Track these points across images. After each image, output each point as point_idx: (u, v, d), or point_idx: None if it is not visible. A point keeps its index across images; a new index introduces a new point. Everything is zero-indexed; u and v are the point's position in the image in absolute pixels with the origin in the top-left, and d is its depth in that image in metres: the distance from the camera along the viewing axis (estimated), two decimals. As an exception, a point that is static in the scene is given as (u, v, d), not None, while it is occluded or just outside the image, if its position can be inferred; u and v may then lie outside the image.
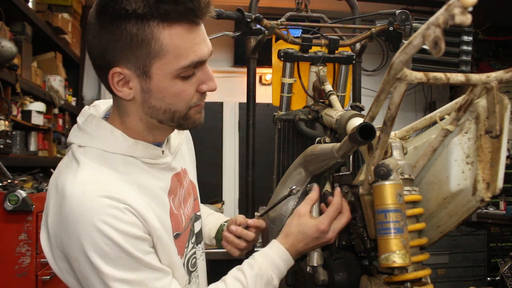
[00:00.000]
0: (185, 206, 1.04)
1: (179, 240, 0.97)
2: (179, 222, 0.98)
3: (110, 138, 0.90)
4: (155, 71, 0.84)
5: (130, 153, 0.90)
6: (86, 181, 0.84)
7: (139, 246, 0.84)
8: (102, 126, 0.91)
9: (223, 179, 4.44)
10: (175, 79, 0.85)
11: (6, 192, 1.88)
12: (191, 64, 0.85)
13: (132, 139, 0.91)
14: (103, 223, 0.80)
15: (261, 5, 1.87)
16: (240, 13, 1.54)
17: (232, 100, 4.52)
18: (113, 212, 0.82)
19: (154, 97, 0.87)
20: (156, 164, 0.95)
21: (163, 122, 0.92)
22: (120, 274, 0.82)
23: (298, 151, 1.56)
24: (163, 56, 0.82)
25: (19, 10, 2.72)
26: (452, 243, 3.66)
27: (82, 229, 0.80)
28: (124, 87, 0.87)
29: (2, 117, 2.42)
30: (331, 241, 1.05)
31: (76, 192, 0.82)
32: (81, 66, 4.24)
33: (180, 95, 0.88)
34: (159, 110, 0.89)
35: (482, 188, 0.90)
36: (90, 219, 0.80)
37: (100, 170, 0.86)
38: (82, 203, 0.81)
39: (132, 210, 0.84)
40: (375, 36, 1.70)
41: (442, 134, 0.96)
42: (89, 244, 0.81)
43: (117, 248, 0.81)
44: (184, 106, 0.90)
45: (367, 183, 0.95)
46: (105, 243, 0.81)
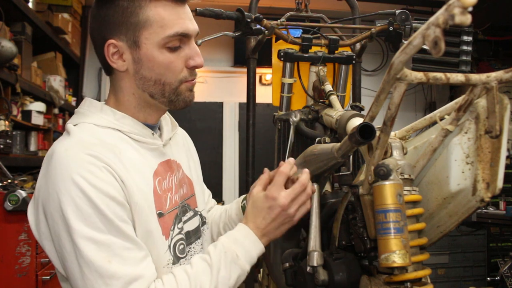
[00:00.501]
0: (175, 193, 1.03)
1: (163, 220, 0.96)
2: (163, 203, 0.97)
3: (100, 114, 0.96)
4: (143, 41, 0.92)
5: (118, 126, 0.95)
6: (72, 142, 0.89)
7: (113, 207, 0.85)
8: (93, 105, 0.98)
9: (223, 179, 4.44)
10: (162, 49, 0.93)
11: (6, 192, 1.88)
12: (176, 34, 0.92)
13: (120, 112, 0.97)
14: (80, 177, 0.83)
15: (261, 5, 1.87)
16: (240, 13, 1.54)
17: (232, 100, 4.53)
18: (91, 168, 0.84)
19: (144, 67, 0.94)
20: (145, 143, 0.98)
21: (155, 96, 0.97)
22: (88, 232, 0.82)
23: (298, 151, 1.56)
24: (149, 26, 0.92)
25: (19, 10, 2.72)
26: (452, 243, 3.66)
27: (61, 182, 0.84)
28: (119, 59, 0.95)
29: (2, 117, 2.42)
30: (295, 218, 1.01)
31: (60, 151, 0.87)
32: (81, 66, 4.25)
33: (169, 66, 0.94)
34: (149, 81, 0.95)
35: (482, 188, 0.90)
36: (68, 173, 0.83)
37: (88, 138, 0.91)
38: (64, 159, 0.85)
39: (112, 171, 0.86)
40: (375, 36, 1.70)
41: (442, 134, 0.96)
42: (64, 198, 0.83)
43: (90, 204, 0.82)
44: (173, 79, 0.96)
45: (367, 183, 0.95)
46: (79, 197, 0.82)
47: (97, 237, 0.83)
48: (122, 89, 0.98)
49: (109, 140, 0.92)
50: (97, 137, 0.92)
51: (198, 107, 4.48)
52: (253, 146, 1.88)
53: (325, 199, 1.26)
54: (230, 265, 0.93)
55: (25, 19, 2.88)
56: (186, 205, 1.08)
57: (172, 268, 0.96)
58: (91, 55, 4.37)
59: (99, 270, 0.82)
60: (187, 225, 1.06)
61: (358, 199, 1.02)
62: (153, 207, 0.94)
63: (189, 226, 1.07)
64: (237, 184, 4.46)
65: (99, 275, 0.82)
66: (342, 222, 1.14)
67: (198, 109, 4.48)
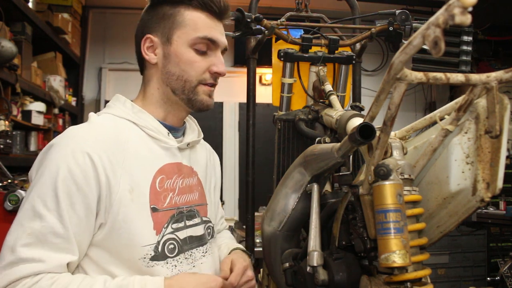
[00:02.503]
0: (179, 195, 1.05)
1: (156, 215, 0.99)
2: (160, 199, 1.01)
3: (121, 107, 1.06)
4: (175, 38, 1.03)
5: (134, 119, 1.03)
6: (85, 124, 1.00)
7: (70, 192, 0.90)
8: (118, 99, 1.08)
9: (223, 179, 4.43)
10: (189, 48, 1.04)
11: (6, 192, 1.88)
12: (205, 37, 1.03)
13: (139, 107, 1.05)
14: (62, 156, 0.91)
15: (261, 5, 1.86)
16: (240, 13, 1.54)
17: (232, 100, 4.53)
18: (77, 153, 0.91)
19: (171, 62, 1.04)
20: (158, 140, 1.04)
21: (176, 91, 1.05)
22: (35, 200, 0.89)
23: (298, 151, 1.56)
24: (183, 27, 1.03)
25: (19, 10, 2.72)
26: (452, 243, 3.66)
27: (54, 152, 0.93)
28: (151, 53, 1.06)
29: (2, 117, 2.42)
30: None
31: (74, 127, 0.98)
32: (81, 66, 4.25)
33: (192, 64, 1.04)
34: (173, 75, 1.04)
35: (482, 188, 0.90)
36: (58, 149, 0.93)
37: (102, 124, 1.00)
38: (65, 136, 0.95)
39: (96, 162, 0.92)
40: (375, 36, 1.70)
41: (442, 134, 0.96)
42: (42, 169, 0.92)
43: (52, 180, 0.90)
44: (194, 77, 1.04)
45: (367, 183, 0.95)
46: (49, 171, 0.90)
47: (39, 208, 0.89)
48: (150, 83, 1.08)
49: (123, 129, 1.00)
50: (111, 124, 1.00)
51: (198, 107, 4.47)
52: (253, 146, 1.87)
53: (325, 199, 1.26)
54: None
55: (25, 19, 2.88)
56: (194, 211, 1.09)
57: (150, 263, 0.96)
58: (91, 55, 4.38)
59: (17, 235, 0.88)
60: (190, 230, 1.06)
61: (358, 199, 1.02)
62: (147, 200, 0.98)
63: (193, 231, 1.07)
64: (237, 184, 4.45)
65: (14, 239, 0.88)
66: (342, 222, 1.14)
67: (198, 109, 4.47)
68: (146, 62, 1.07)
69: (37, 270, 0.88)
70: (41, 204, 0.89)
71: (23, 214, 0.90)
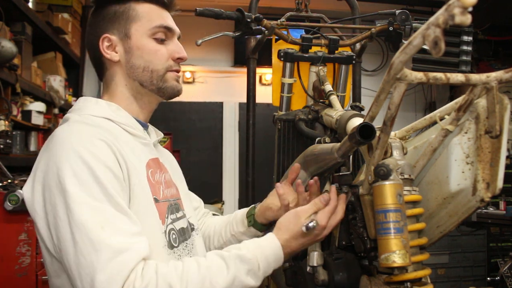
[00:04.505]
0: (166, 188, 1.05)
1: (159, 205, 0.98)
2: (157, 191, 1.00)
3: (95, 106, 1.02)
4: (133, 32, 1.04)
5: (113, 117, 1.01)
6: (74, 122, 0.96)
7: (110, 178, 0.86)
8: (88, 100, 1.05)
9: (223, 179, 4.44)
10: (149, 38, 1.05)
11: (6, 192, 1.88)
12: (161, 26, 1.05)
13: (115, 104, 1.04)
14: (81, 146, 0.87)
15: (261, 5, 1.87)
16: (240, 13, 1.54)
17: (232, 100, 4.53)
18: (93, 139, 0.89)
19: (134, 56, 1.04)
20: (138, 136, 1.03)
21: (144, 83, 1.05)
22: (84, 197, 0.82)
23: (298, 151, 1.56)
24: (138, 20, 1.05)
25: (19, 10, 2.72)
26: (452, 243, 3.66)
27: (60, 151, 0.87)
28: (112, 51, 1.05)
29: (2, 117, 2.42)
30: (324, 237, 1.01)
31: (63, 128, 0.94)
32: (81, 66, 4.24)
33: (156, 53, 1.05)
34: (139, 68, 1.05)
35: (482, 188, 0.90)
36: (69, 144, 0.87)
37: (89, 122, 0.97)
38: (66, 132, 0.91)
39: (112, 147, 0.91)
40: (375, 36, 1.70)
41: (442, 134, 0.96)
42: (63, 165, 0.85)
43: (88, 171, 0.84)
44: (160, 65, 1.05)
45: (367, 183, 0.95)
46: (77, 164, 0.84)
47: (93, 203, 0.82)
48: (115, 81, 1.07)
49: (106, 127, 0.97)
50: (94, 125, 0.96)
51: (198, 107, 4.48)
52: (253, 146, 1.87)
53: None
54: (247, 274, 0.89)
55: (25, 19, 2.88)
56: (178, 204, 1.09)
57: (168, 250, 0.95)
58: (91, 55, 4.38)
59: (90, 234, 0.80)
60: (181, 222, 1.07)
61: (358, 199, 1.02)
62: (149, 191, 0.97)
63: (181, 224, 1.08)
64: (237, 184, 4.45)
65: (89, 240, 0.80)
66: (342, 222, 1.14)
67: (198, 109, 4.48)
68: (107, 62, 1.06)
69: (139, 258, 0.82)
70: (91, 199, 0.82)
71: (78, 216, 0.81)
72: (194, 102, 4.46)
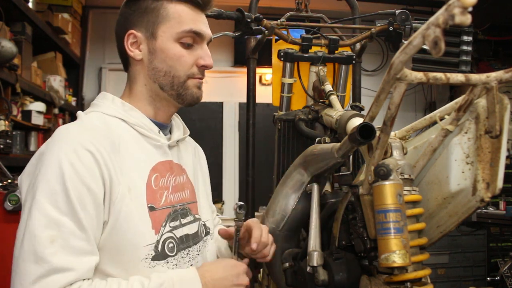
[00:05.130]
0: (172, 193, 1.03)
1: (154, 214, 0.97)
2: (157, 198, 0.99)
3: (110, 104, 1.02)
4: (160, 33, 1.01)
5: (125, 117, 1.00)
6: (75, 124, 0.96)
7: (82, 195, 0.86)
8: (106, 97, 1.04)
9: (223, 179, 4.44)
10: (176, 43, 1.01)
11: (6, 192, 1.88)
12: (190, 30, 1.01)
13: (129, 104, 1.02)
14: (65, 155, 0.87)
15: (261, 5, 1.86)
16: (240, 13, 1.54)
17: (232, 100, 4.53)
18: (78, 149, 0.88)
19: (157, 58, 1.01)
20: (149, 138, 1.02)
21: (164, 87, 1.03)
22: (46, 206, 0.84)
23: (298, 151, 1.56)
24: (167, 21, 1.00)
25: (19, 10, 2.72)
26: (452, 243, 3.65)
27: (47, 155, 0.88)
28: (136, 49, 1.02)
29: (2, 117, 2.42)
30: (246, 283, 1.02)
31: (62, 128, 0.94)
32: (81, 66, 4.24)
33: (179, 59, 1.02)
34: (160, 71, 1.02)
35: (482, 188, 0.90)
36: (58, 149, 0.88)
37: (93, 122, 0.97)
38: (61, 135, 0.91)
39: (99, 159, 0.89)
40: (375, 36, 1.70)
41: (442, 134, 0.96)
42: (44, 169, 0.87)
43: (60, 182, 0.85)
44: (182, 72, 1.02)
45: (367, 183, 0.95)
46: (54, 174, 0.86)
47: (52, 214, 0.84)
48: (136, 80, 1.05)
49: (114, 128, 0.97)
50: (103, 123, 0.97)
51: (198, 107, 4.45)
52: (253, 146, 1.87)
53: (325, 199, 1.26)
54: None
55: (25, 19, 2.88)
56: (187, 209, 1.07)
57: (151, 263, 0.95)
58: (91, 55, 4.37)
59: (37, 245, 0.83)
60: (186, 228, 1.05)
61: (358, 199, 1.02)
62: (144, 200, 0.96)
63: (188, 229, 1.06)
64: (237, 184, 4.45)
65: (34, 251, 0.83)
66: (342, 222, 1.14)
67: (198, 109, 4.47)
68: (131, 59, 1.04)
69: (72, 279, 0.84)
70: (53, 209, 0.84)
71: (34, 223, 0.84)
72: (194, 102, 4.45)
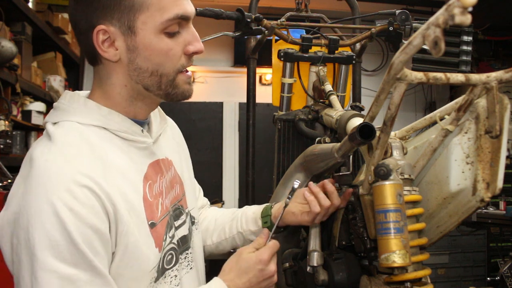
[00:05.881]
0: (166, 197, 0.94)
1: (155, 231, 0.87)
2: (154, 211, 0.88)
3: (83, 109, 0.85)
4: (140, 26, 0.82)
5: (104, 124, 0.85)
6: (53, 151, 0.78)
7: (89, 238, 0.74)
8: (75, 99, 0.87)
9: (223, 179, 4.44)
10: (161, 35, 0.84)
11: (6, 192, 1.88)
12: (176, 16, 0.83)
13: (106, 108, 0.86)
14: (58, 198, 0.73)
15: (261, 5, 1.87)
16: (240, 13, 1.54)
17: (232, 100, 4.53)
18: (72, 187, 0.74)
19: (140, 56, 0.84)
20: (134, 141, 0.88)
21: (150, 88, 0.87)
22: (53, 264, 0.71)
23: (298, 151, 1.56)
24: (146, 9, 0.81)
25: (19, 10, 2.72)
26: (452, 243, 3.66)
27: (34, 200, 0.73)
28: (110, 47, 0.84)
29: (2, 117, 2.42)
30: (275, 276, 0.97)
31: (40, 162, 0.77)
32: (81, 66, 4.24)
33: (167, 54, 0.85)
34: (145, 72, 0.85)
35: (482, 188, 0.90)
36: (45, 192, 0.73)
37: (72, 143, 0.81)
38: (43, 173, 0.75)
39: (96, 189, 0.76)
40: (375, 36, 1.70)
41: (442, 134, 0.96)
42: (34, 219, 0.72)
43: (62, 231, 0.72)
44: (171, 68, 0.86)
45: (367, 183, 0.95)
46: (51, 222, 0.72)
47: (63, 270, 0.72)
48: (112, 81, 0.87)
49: (94, 140, 0.83)
50: (82, 140, 0.82)
51: (198, 107, 4.47)
52: (253, 146, 1.88)
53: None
54: None
55: (25, 19, 2.88)
56: (180, 207, 0.99)
57: (154, 285, 0.87)
58: (91, 55, 4.38)
59: None
60: (180, 230, 0.98)
61: (358, 199, 1.02)
62: (144, 218, 0.85)
63: (183, 231, 0.98)
64: (237, 184, 4.45)
65: None
66: (342, 222, 1.14)
67: (198, 109, 4.47)
68: (103, 58, 0.86)
69: None
70: (62, 264, 0.72)
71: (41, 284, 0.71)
72: (194, 102, 4.45)
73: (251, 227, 1.13)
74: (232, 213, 1.21)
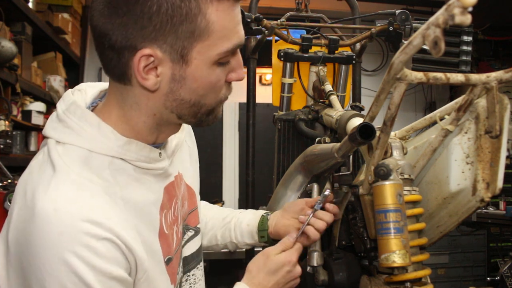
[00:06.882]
0: (180, 222, 0.90)
1: (171, 266, 0.83)
2: (170, 244, 0.83)
3: (97, 135, 0.74)
4: (195, 55, 0.70)
5: (120, 154, 0.74)
6: (62, 196, 0.68)
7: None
8: (87, 119, 0.74)
9: (223, 179, 4.44)
10: (213, 66, 0.73)
11: (6, 192, 1.88)
12: (234, 47, 0.73)
13: (124, 137, 0.75)
14: (74, 256, 0.65)
15: (261, 5, 1.87)
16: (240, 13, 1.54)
17: (232, 100, 4.50)
18: (90, 242, 0.66)
19: (185, 87, 0.72)
20: (150, 170, 0.80)
21: (183, 117, 0.77)
22: None
23: (298, 151, 1.56)
24: (207, 37, 0.69)
25: (19, 10, 2.71)
26: (452, 243, 3.65)
27: (46, 259, 0.65)
28: (150, 73, 0.70)
29: (2, 117, 2.42)
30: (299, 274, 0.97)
31: (47, 209, 0.66)
32: (81, 66, 4.24)
33: (215, 86, 0.75)
34: (187, 103, 0.74)
35: (482, 188, 0.90)
36: (58, 249, 0.65)
37: (81, 180, 0.70)
38: (52, 225, 0.65)
39: (115, 239, 0.68)
40: (375, 36, 1.70)
41: (442, 134, 0.96)
42: (52, 280, 0.65)
43: None
44: (213, 99, 0.77)
45: (367, 183, 0.95)
46: (72, 282, 0.65)
47: None
48: (140, 107, 0.75)
49: (107, 175, 0.73)
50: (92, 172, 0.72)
51: (198, 107, 4.48)
52: (253, 146, 1.88)
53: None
54: None
55: (25, 19, 2.88)
56: (185, 226, 0.95)
57: None
58: (91, 55, 4.37)
59: None
60: (185, 249, 0.95)
61: (358, 199, 1.02)
62: (160, 256, 0.80)
63: (188, 250, 0.95)
64: (237, 184, 4.45)
65: None
66: (342, 222, 1.14)
67: (198, 109, 4.48)
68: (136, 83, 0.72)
69: None
70: None
71: None
72: (194, 102, 4.45)
73: (247, 240, 1.13)
74: (222, 218, 1.16)
